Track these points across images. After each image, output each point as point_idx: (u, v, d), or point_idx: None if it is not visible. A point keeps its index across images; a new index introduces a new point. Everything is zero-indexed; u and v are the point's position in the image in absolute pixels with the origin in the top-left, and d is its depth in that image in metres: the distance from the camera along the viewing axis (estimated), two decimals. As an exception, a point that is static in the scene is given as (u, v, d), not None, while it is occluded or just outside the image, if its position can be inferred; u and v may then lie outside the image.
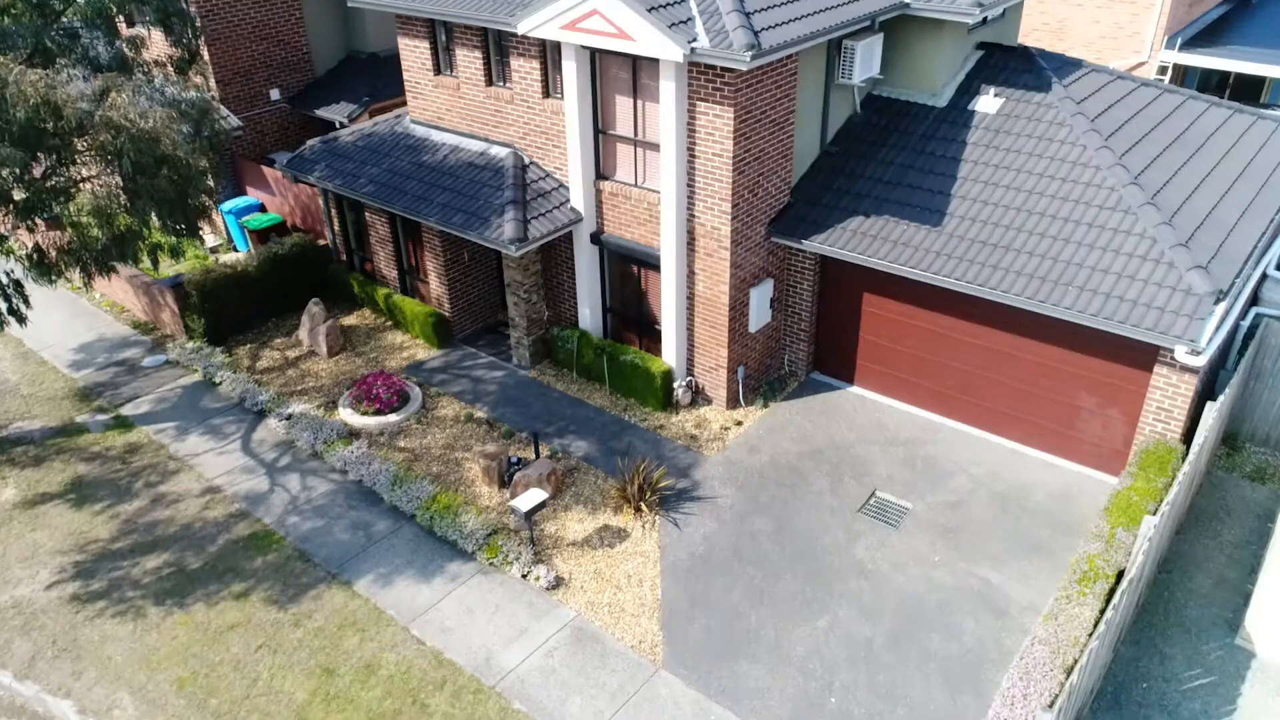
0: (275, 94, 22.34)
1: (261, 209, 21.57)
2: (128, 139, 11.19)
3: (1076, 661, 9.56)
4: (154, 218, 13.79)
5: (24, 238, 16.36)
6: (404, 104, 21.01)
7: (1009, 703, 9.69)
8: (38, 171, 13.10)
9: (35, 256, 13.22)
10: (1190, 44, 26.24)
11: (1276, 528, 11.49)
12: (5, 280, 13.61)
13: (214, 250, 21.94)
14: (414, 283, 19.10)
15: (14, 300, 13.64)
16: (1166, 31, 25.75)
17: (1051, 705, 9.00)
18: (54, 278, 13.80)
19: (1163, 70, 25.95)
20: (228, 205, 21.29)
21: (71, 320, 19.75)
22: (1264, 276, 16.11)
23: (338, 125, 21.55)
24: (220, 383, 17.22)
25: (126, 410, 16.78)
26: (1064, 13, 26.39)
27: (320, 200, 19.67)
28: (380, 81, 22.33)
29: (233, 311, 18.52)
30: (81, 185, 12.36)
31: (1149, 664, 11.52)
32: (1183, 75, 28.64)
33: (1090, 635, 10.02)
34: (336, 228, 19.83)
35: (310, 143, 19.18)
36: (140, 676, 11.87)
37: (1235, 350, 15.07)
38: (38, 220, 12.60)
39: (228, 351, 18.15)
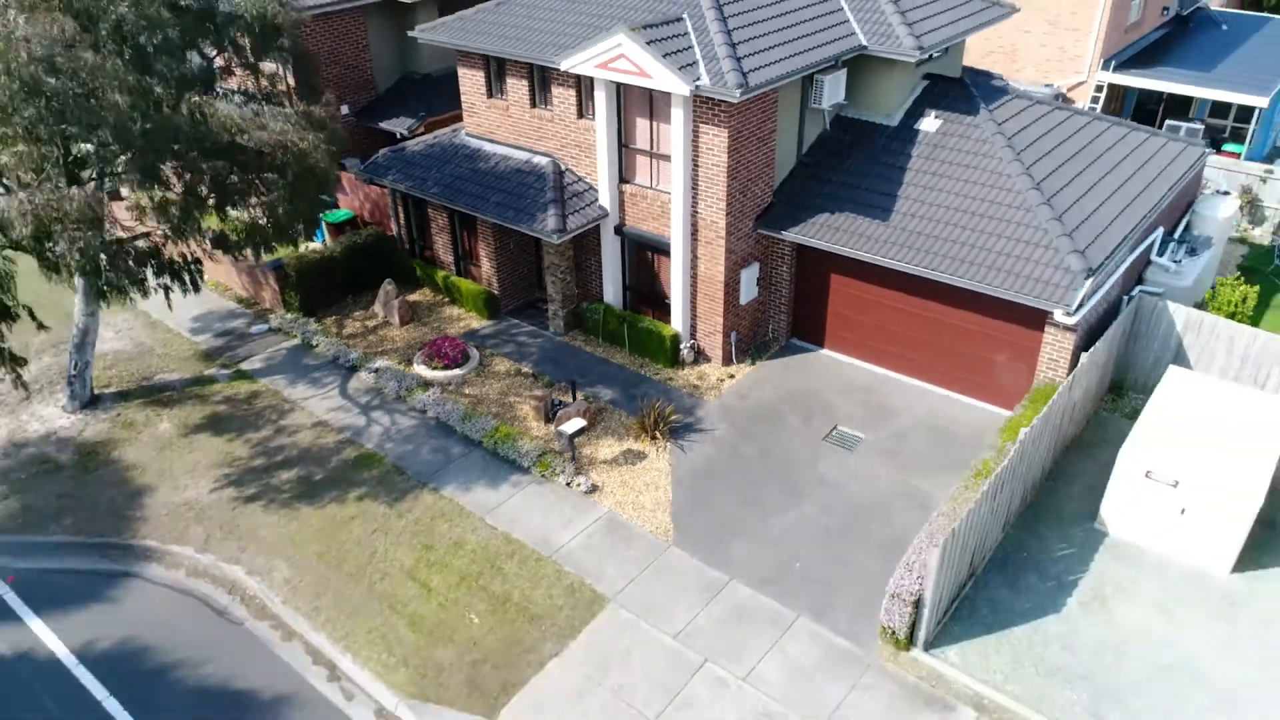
0: (345, 110, 26.49)
1: (335, 206, 25.75)
2: (292, 156, 15.42)
3: (961, 521, 13.70)
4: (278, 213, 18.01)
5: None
6: (453, 119, 25.28)
7: (917, 550, 13.90)
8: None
9: (219, 239, 17.49)
10: (1124, 66, 30.40)
11: (1123, 446, 15.63)
12: (189, 258, 17.79)
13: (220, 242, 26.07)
14: (467, 266, 23.31)
15: (194, 274, 17.85)
16: (1103, 54, 29.90)
17: (940, 545, 13.13)
18: (237, 255, 18.15)
19: (1099, 89, 30.13)
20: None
21: (183, 297, 23.92)
22: (1148, 262, 20.40)
23: (399, 136, 25.75)
24: (316, 345, 21.43)
25: (244, 366, 21.00)
26: (1015, 38, 30.52)
27: (388, 198, 23.87)
28: (433, 99, 26.52)
29: (321, 289, 22.73)
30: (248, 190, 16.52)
31: (1029, 541, 15.74)
32: (1123, 93, 32.86)
33: (974, 505, 14.18)
34: (402, 221, 24.03)
35: (382, 152, 23.38)
36: (289, 550, 16.10)
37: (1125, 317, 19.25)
38: (225, 213, 16.78)
39: (318, 321, 22.36)
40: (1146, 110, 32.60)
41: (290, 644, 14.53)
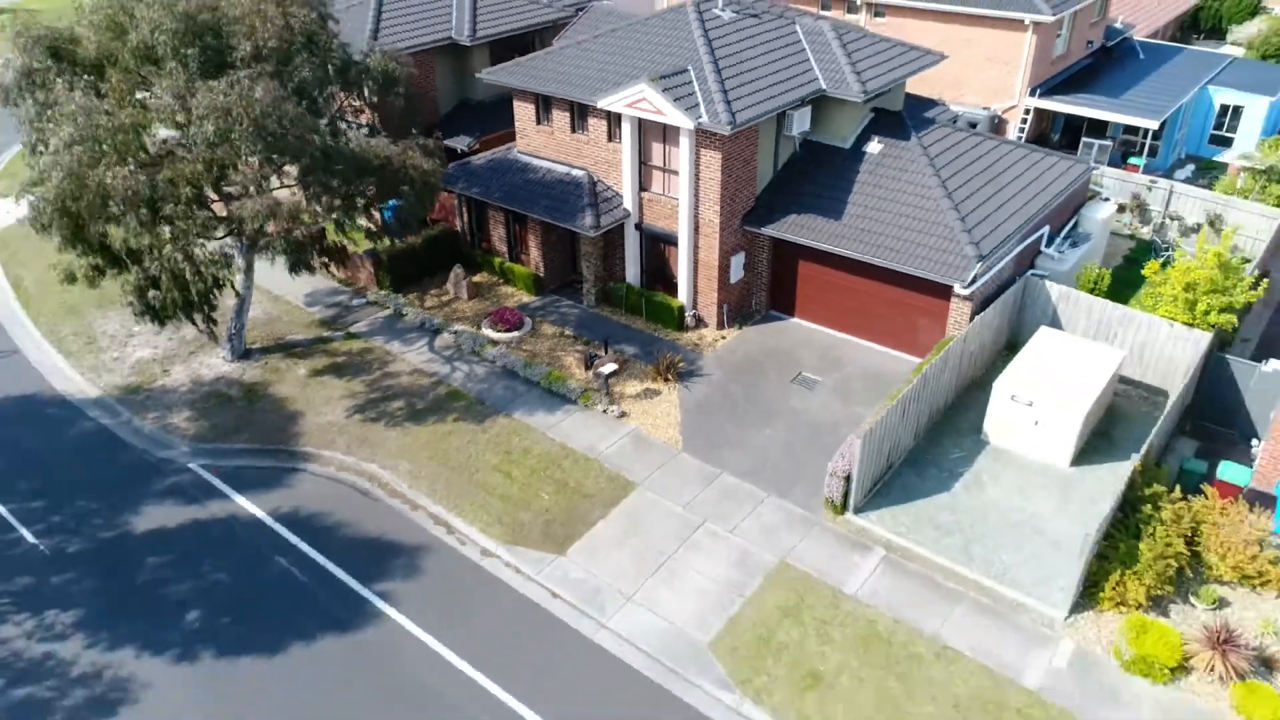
0: (414, 131, 32.81)
1: (408, 206, 32.05)
2: (417, 175, 21.87)
3: (876, 423, 20.16)
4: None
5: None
6: (501, 138, 31.65)
7: (849, 445, 20.40)
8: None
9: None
10: (1048, 92, 36.91)
11: (997, 380, 22.03)
12: (338, 245, 24.24)
13: (371, 235, 32.48)
14: (518, 254, 29.75)
15: (341, 256, 24.40)
16: (1030, 83, 36.38)
17: (861, 436, 19.59)
18: (376, 244, 24.89)
19: (1027, 112, 36.64)
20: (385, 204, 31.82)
21: (293, 279, 30.37)
22: (1039, 252, 26.93)
23: (459, 152, 32.12)
24: (405, 314, 27.88)
25: (352, 329, 27.47)
26: (960, 70, 36.89)
27: (454, 201, 30.29)
28: (485, 121, 32.90)
29: (405, 272, 29.15)
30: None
31: (933, 448, 22.25)
32: (1053, 114, 39.33)
33: (885, 414, 20.63)
34: (465, 219, 30.46)
35: (451, 165, 29.76)
36: (407, 454, 22.57)
37: (1018, 294, 25.73)
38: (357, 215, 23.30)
39: (405, 296, 28.78)
40: (1074, 128, 39.03)
41: (416, 513, 21.00)
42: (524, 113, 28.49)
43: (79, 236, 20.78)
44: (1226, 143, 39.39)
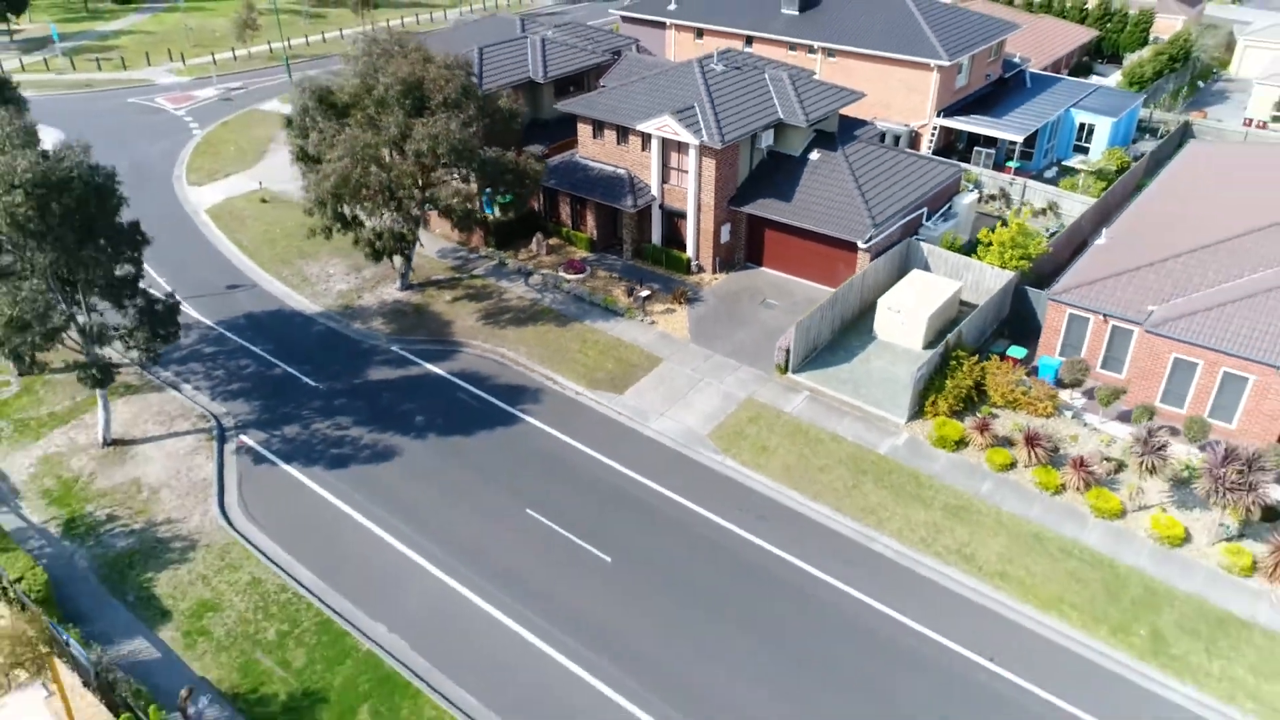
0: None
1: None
2: (531, 174, 36.19)
3: (805, 319, 34.49)
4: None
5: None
6: (564, 146, 45.82)
7: (789, 334, 34.82)
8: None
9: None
10: (950, 114, 51.27)
11: (880, 298, 36.25)
12: (480, 216, 38.56)
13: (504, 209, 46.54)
14: (579, 224, 44.07)
15: (486, 224, 38.76)
16: (937, 107, 50.74)
17: (795, 326, 33.89)
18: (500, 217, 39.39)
19: (935, 129, 50.97)
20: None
21: (432, 239, 44.62)
22: (920, 224, 41.43)
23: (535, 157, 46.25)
24: (507, 264, 42.23)
25: (475, 272, 41.83)
26: (888, 97, 51.20)
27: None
28: (553, 135, 47.01)
29: (505, 236, 43.47)
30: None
31: (842, 340, 36.72)
32: (956, 133, 53.59)
33: (808, 315, 34.99)
34: (540, 201, 44.74)
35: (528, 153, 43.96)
36: (523, 343, 36.93)
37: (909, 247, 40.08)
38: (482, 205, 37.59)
39: (504, 252, 43.08)
40: (975, 139, 53.37)
41: (533, 374, 35.41)
42: (585, 131, 42.78)
43: (334, 210, 35.11)
44: (1085, 151, 53.83)
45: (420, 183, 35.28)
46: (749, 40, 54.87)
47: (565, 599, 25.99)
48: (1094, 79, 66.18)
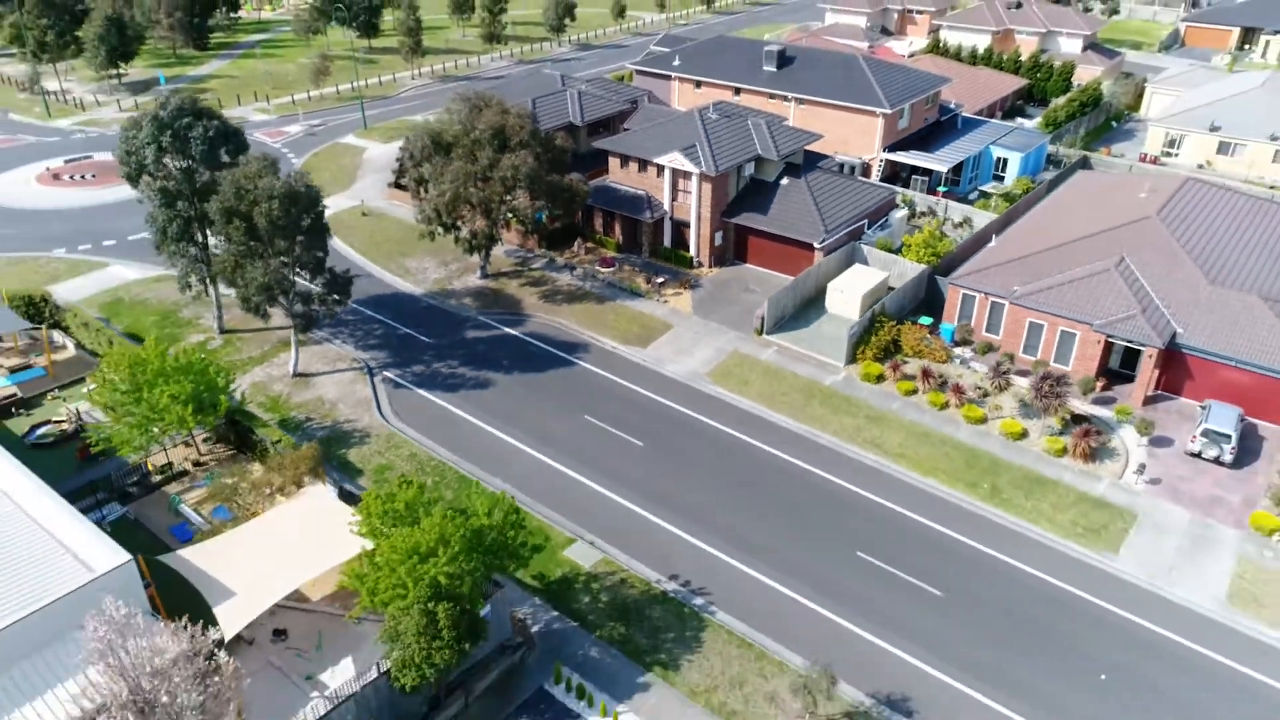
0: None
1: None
2: (581, 194, 50.61)
3: (776, 294, 48.72)
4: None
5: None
6: (598, 174, 60.45)
7: (763, 305, 49.16)
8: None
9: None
10: (894, 149, 65.92)
11: (829, 282, 50.39)
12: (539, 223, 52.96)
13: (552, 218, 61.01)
14: (608, 232, 58.50)
15: (546, 227, 53.25)
16: (883, 144, 65.43)
17: (767, 300, 48.07)
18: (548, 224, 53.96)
19: (882, 161, 65.58)
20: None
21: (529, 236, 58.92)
22: (863, 232, 56.11)
23: (574, 180, 60.79)
24: (556, 260, 56.65)
25: (531, 266, 56.20)
26: (846, 135, 65.88)
27: (574, 206, 59.10)
28: (588, 165, 61.49)
29: (553, 241, 57.87)
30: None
31: (802, 313, 51.11)
32: (899, 164, 68.20)
33: (778, 293, 49.25)
34: (580, 214, 59.19)
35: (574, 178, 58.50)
36: (573, 316, 51.24)
37: (858, 248, 54.55)
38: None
39: (553, 252, 57.45)
40: (914, 169, 67.92)
41: (582, 335, 49.68)
42: (614, 162, 57.30)
43: (440, 219, 49.52)
44: (1001, 179, 68.52)
45: (502, 200, 49.71)
46: (737, 90, 69.60)
47: (612, 466, 40.12)
48: (1022, 120, 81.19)
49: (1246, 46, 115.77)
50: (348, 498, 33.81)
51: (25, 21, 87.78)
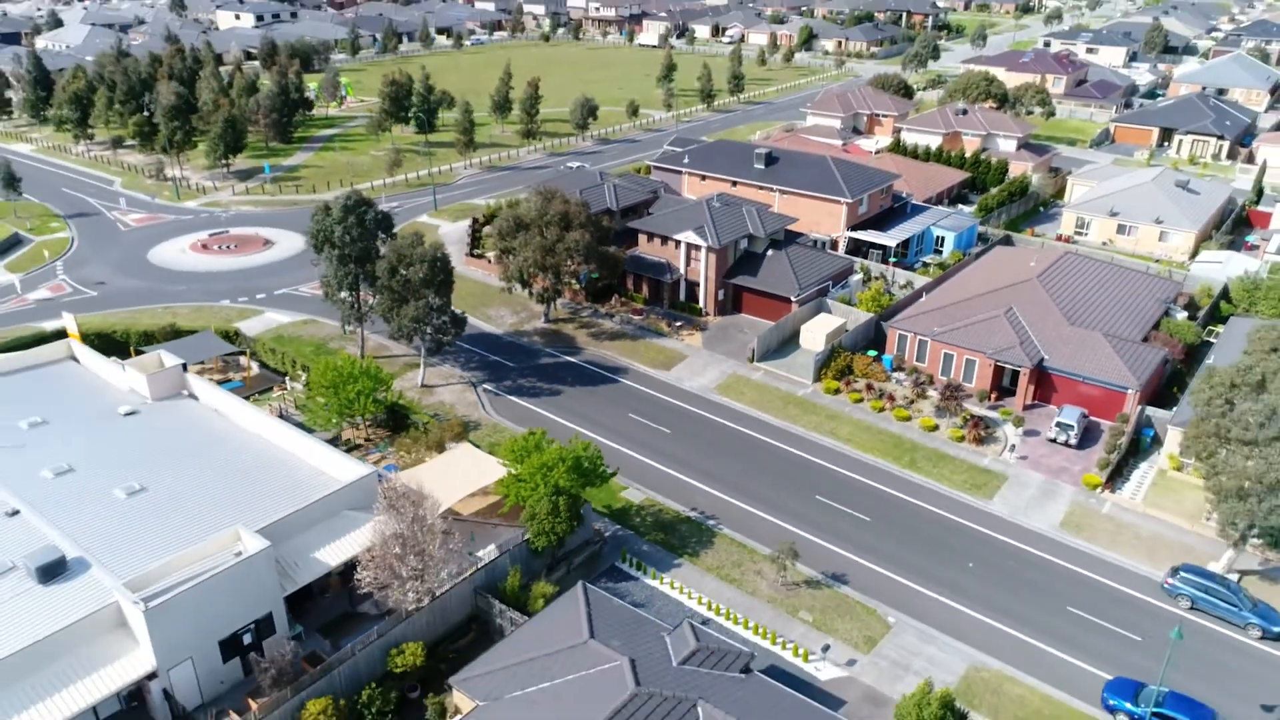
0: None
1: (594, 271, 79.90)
2: (620, 261, 69.61)
3: (764, 332, 67.43)
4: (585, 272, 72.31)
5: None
6: (629, 246, 79.99)
7: (754, 340, 68.03)
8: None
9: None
10: (854, 228, 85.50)
11: (803, 327, 68.89)
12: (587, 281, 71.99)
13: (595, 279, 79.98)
14: (638, 289, 77.56)
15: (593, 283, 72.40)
16: (847, 225, 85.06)
17: (758, 336, 66.67)
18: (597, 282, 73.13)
19: (846, 238, 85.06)
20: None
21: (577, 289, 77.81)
22: (828, 289, 75.47)
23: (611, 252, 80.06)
24: (599, 310, 75.58)
25: (581, 314, 75.07)
26: (818, 218, 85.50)
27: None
28: (621, 240, 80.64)
29: (596, 295, 76.86)
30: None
31: (783, 346, 69.92)
32: (858, 242, 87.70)
33: (767, 330, 67.99)
34: (617, 277, 78.30)
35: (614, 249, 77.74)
36: (615, 349, 69.99)
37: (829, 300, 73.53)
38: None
39: (597, 304, 76.40)
40: (871, 244, 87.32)
41: (621, 361, 68.27)
42: (643, 237, 76.72)
43: (520, 279, 68.62)
44: (940, 252, 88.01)
45: (563, 265, 68.80)
46: (734, 183, 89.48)
47: (649, 443, 58.31)
48: (961, 206, 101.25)
49: (1165, 144, 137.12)
50: (481, 454, 52.02)
51: (161, 122, 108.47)
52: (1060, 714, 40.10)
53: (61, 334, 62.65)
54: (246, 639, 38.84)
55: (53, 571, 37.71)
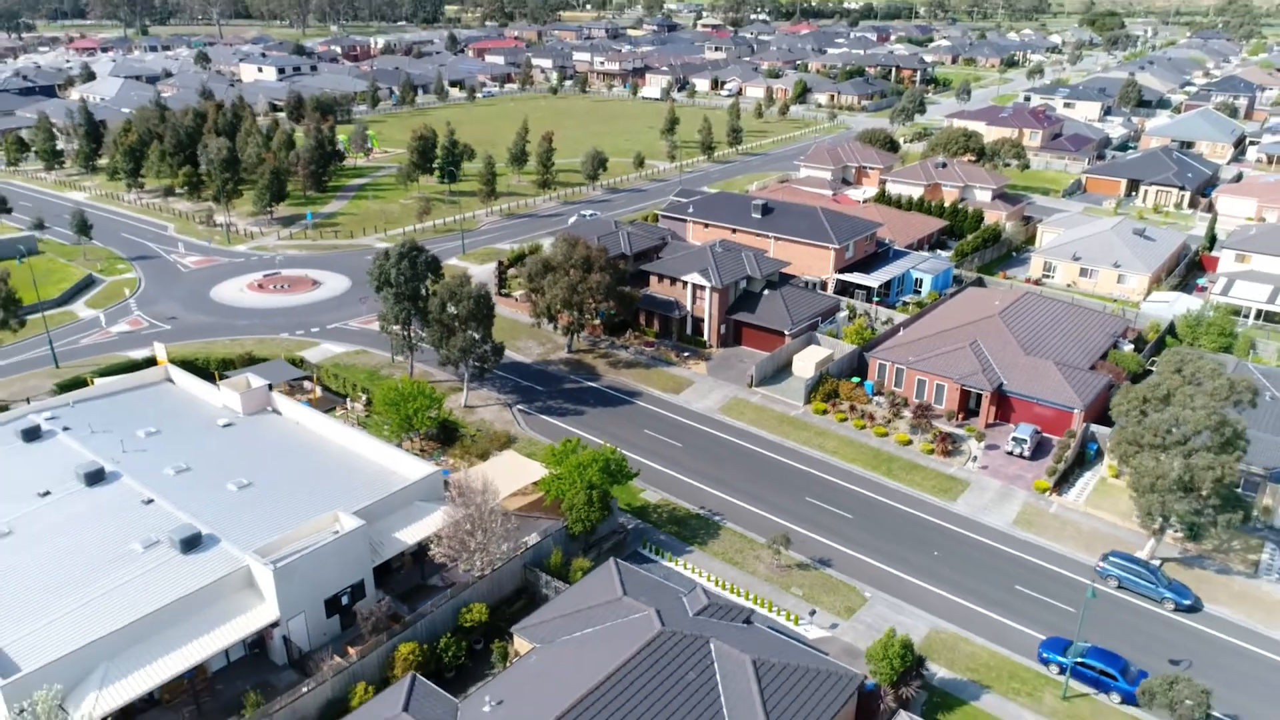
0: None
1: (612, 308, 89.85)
2: (634, 298, 79.63)
3: (761, 361, 77.22)
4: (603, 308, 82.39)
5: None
6: (642, 285, 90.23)
7: (753, 366, 77.89)
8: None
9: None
10: (841, 271, 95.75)
11: (795, 356, 78.56)
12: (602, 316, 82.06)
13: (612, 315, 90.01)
14: (649, 324, 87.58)
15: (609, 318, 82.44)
16: (835, 268, 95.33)
17: (756, 365, 76.50)
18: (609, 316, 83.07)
19: (834, 279, 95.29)
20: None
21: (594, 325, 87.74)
22: (818, 324, 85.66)
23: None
24: (615, 342, 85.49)
25: (600, 346, 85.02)
26: (809, 262, 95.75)
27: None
28: (635, 281, 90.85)
29: (612, 330, 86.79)
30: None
31: (777, 374, 79.74)
32: (845, 283, 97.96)
33: (763, 359, 77.79)
34: (631, 313, 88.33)
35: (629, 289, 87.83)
36: (632, 376, 79.80)
37: (820, 331, 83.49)
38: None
39: (614, 336, 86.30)
40: (857, 285, 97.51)
41: (637, 386, 78.03)
42: (654, 278, 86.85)
43: (548, 315, 78.66)
44: (919, 292, 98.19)
45: (585, 303, 78.82)
46: (734, 230, 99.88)
47: (663, 454, 67.86)
48: (940, 251, 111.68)
49: (1133, 194, 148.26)
50: (522, 460, 61.56)
51: (213, 173, 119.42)
52: (1003, 665, 49.28)
53: (152, 361, 72.51)
54: (344, 600, 48.10)
55: (192, 544, 47.07)
